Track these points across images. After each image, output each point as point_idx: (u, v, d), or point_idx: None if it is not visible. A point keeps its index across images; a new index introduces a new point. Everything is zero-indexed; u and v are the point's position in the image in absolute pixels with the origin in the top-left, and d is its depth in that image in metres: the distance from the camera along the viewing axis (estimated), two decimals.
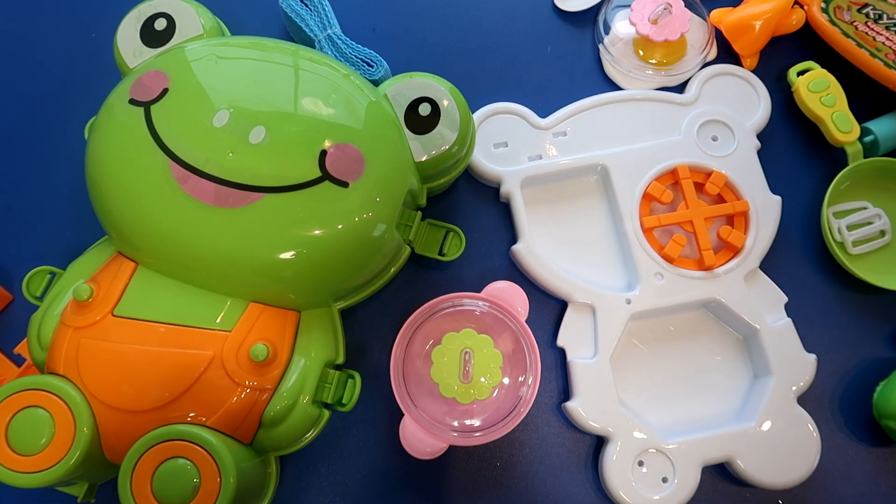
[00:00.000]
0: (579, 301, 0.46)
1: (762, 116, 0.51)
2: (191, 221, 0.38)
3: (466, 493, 0.44)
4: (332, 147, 0.39)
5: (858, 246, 0.48)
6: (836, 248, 0.47)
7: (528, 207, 0.48)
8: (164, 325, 0.38)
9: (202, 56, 0.42)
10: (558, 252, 0.48)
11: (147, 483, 0.35)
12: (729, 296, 0.46)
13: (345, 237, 0.39)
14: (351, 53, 0.50)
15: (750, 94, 0.52)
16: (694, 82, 0.52)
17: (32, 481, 0.35)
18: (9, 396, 0.36)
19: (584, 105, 0.51)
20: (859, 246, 0.48)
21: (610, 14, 0.54)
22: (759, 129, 0.51)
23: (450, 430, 0.40)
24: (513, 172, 0.48)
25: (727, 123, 0.50)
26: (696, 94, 0.51)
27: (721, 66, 0.52)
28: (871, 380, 0.46)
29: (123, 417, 0.37)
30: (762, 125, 0.51)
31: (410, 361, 0.41)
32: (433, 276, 0.48)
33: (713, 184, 0.48)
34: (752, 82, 0.52)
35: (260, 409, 0.38)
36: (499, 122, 0.50)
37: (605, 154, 0.49)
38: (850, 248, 0.48)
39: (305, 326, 0.42)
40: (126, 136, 0.40)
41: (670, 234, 0.48)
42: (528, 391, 0.40)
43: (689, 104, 0.51)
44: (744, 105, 0.51)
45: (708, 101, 0.51)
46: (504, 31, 0.55)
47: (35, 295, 0.43)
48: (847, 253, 0.48)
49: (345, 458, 0.45)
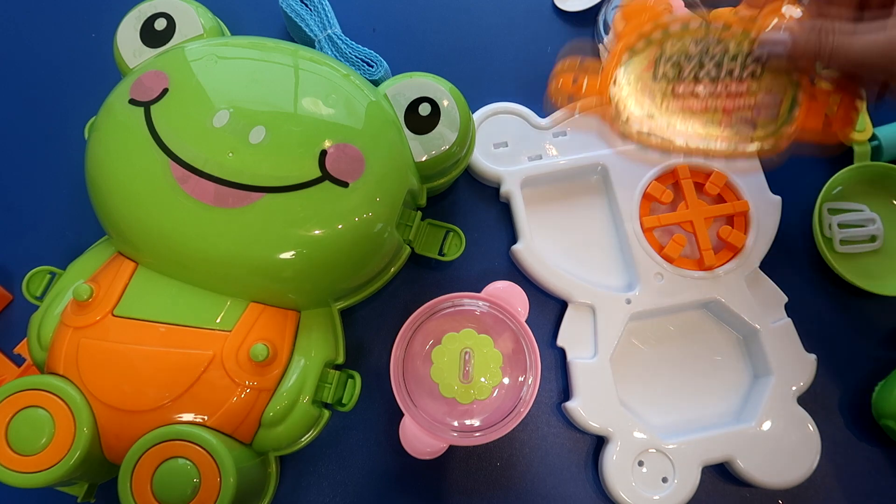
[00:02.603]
0: (579, 301, 0.46)
1: None
2: (191, 221, 0.38)
3: (466, 493, 0.44)
4: (332, 147, 0.39)
5: (846, 245, 0.48)
6: (822, 242, 0.47)
7: (528, 207, 0.48)
8: (163, 325, 0.38)
9: (202, 56, 0.42)
10: (558, 252, 0.48)
11: (147, 483, 0.35)
12: (729, 296, 0.46)
13: (345, 237, 0.39)
14: (351, 53, 0.50)
15: None
16: None
17: (32, 481, 0.35)
18: (9, 396, 0.36)
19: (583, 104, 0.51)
20: (846, 245, 0.48)
21: (610, 14, 0.54)
22: None
23: (450, 430, 0.40)
24: (513, 172, 0.48)
25: None
26: None
27: None
28: (871, 380, 0.46)
29: (123, 417, 0.37)
30: None
31: (410, 361, 0.41)
32: (433, 276, 0.48)
33: (713, 184, 0.48)
34: None
35: (260, 409, 0.39)
36: (499, 122, 0.50)
37: (605, 154, 0.49)
38: (836, 246, 0.48)
39: (305, 326, 0.42)
40: (126, 136, 0.40)
41: (670, 234, 0.48)
42: (528, 391, 0.40)
43: None
44: None
45: None
46: (504, 31, 0.55)
47: (35, 295, 0.43)
48: (833, 250, 0.48)
49: (345, 458, 0.45)
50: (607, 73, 0.38)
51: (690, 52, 0.38)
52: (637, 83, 0.38)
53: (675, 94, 0.38)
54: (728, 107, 0.38)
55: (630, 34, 0.38)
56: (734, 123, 0.38)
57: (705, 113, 0.38)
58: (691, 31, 0.38)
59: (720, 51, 0.38)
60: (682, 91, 0.38)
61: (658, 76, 0.38)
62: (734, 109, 0.38)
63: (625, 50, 0.38)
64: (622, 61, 0.38)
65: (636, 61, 0.38)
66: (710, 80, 0.38)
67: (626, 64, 0.38)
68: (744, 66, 0.38)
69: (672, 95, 0.38)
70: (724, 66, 0.38)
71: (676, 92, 0.38)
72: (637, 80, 0.38)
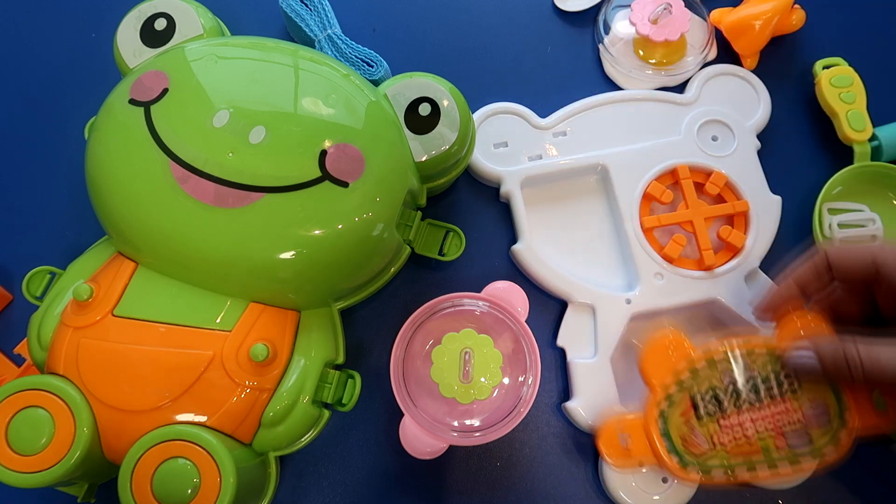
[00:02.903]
0: (579, 301, 0.46)
1: (762, 116, 0.51)
2: (190, 221, 0.38)
3: (466, 493, 0.44)
4: (332, 147, 0.39)
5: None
6: (822, 242, 0.47)
7: (528, 207, 0.48)
8: (163, 325, 0.38)
9: (202, 56, 0.42)
10: (558, 252, 0.48)
11: (147, 483, 0.35)
12: (729, 296, 0.46)
13: (345, 237, 0.39)
14: (351, 53, 0.50)
15: (750, 94, 0.52)
16: (694, 82, 0.52)
17: (32, 481, 0.35)
18: (9, 396, 0.36)
19: (585, 105, 0.51)
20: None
21: (610, 14, 0.54)
22: (760, 129, 0.51)
23: (450, 430, 0.40)
24: (513, 172, 0.48)
25: (727, 123, 0.50)
26: (696, 94, 0.51)
27: (721, 66, 0.52)
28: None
29: (123, 417, 0.37)
30: (762, 125, 0.51)
31: (410, 361, 0.41)
32: (433, 276, 0.48)
33: (713, 184, 0.48)
34: (753, 82, 0.52)
35: (260, 409, 0.39)
36: (499, 122, 0.50)
37: (606, 154, 0.49)
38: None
39: (305, 326, 0.42)
40: (126, 136, 0.40)
41: (670, 234, 0.48)
42: (528, 391, 0.40)
43: (690, 104, 0.51)
44: (744, 105, 0.51)
45: (708, 101, 0.51)
46: (504, 31, 0.55)
47: (35, 295, 0.43)
48: None
49: (345, 458, 0.45)
50: (651, 432, 0.39)
51: (724, 384, 0.39)
52: (681, 429, 0.39)
53: (723, 427, 0.38)
54: (777, 427, 0.38)
55: (662, 380, 0.39)
56: (789, 441, 0.38)
57: (758, 440, 0.38)
58: (719, 363, 0.39)
59: (753, 376, 0.39)
60: (728, 423, 0.38)
61: (702, 415, 0.39)
62: (784, 427, 0.38)
63: (663, 398, 0.39)
64: (662, 410, 0.39)
65: (674, 408, 0.39)
66: (752, 405, 0.39)
67: (666, 414, 0.39)
68: (780, 385, 0.39)
69: (721, 430, 0.38)
70: (761, 390, 0.39)
71: (724, 425, 0.38)
72: (680, 428, 0.39)
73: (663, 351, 0.40)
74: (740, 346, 0.40)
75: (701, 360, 0.40)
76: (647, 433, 0.40)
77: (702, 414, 0.39)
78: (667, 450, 0.39)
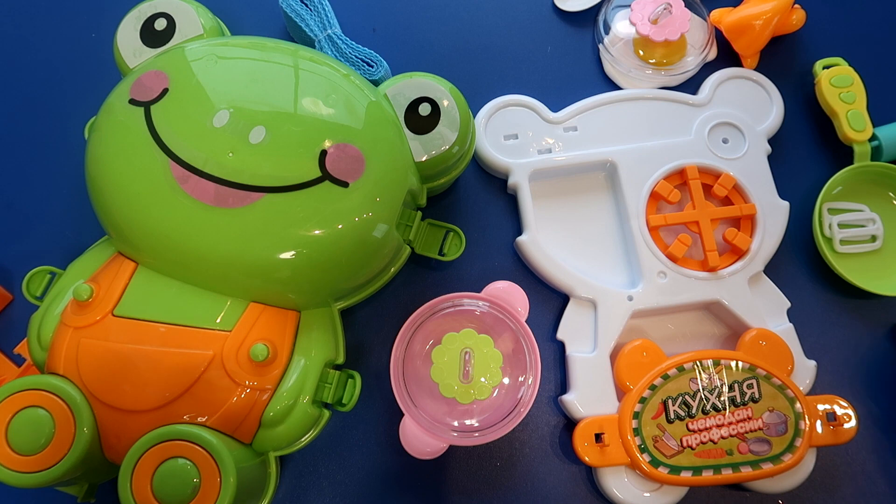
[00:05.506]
0: (581, 296, 0.46)
1: (774, 121, 0.51)
2: (191, 221, 0.38)
3: (466, 493, 0.44)
4: (332, 147, 0.39)
5: (846, 245, 0.48)
6: (822, 242, 0.47)
7: (534, 201, 0.48)
8: (164, 325, 0.38)
9: (202, 56, 0.42)
10: (563, 246, 0.48)
11: (147, 483, 0.35)
12: (731, 298, 0.46)
13: (345, 237, 0.39)
14: (351, 53, 0.50)
15: (763, 98, 0.51)
16: (707, 84, 0.52)
17: (32, 481, 0.35)
18: (9, 396, 0.36)
19: (596, 101, 0.51)
20: (846, 245, 0.48)
21: (610, 14, 0.54)
22: (771, 133, 0.51)
23: (450, 430, 0.40)
24: (522, 164, 0.48)
25: (739, 126, 0.50)
26: (709, 95, 0.51)
27: (735, 70, 0.52)
28: (871, 385, 0.46)
29: (123, 417, 0.37)
30: (774, 130, 0.51)
31: (410, 361, 0.41)
32: (433, 276, 0.48)
33: (721, 186, 0.48)
34: (766, 87, 0.52)
35: (260, 409, 0.38)
36: (510, 115, 0.50)
37: (615, 151, 0.49)
38: (836, 246, 0.48)
39: (305, 326, 0.42)
40: (126, 136, 0.40)
41: (676, 234, 0.48)
42: (528, 391, 0.40)
43: (702, 105, 0.51)
44: (756, 109, 0.51)
45: (720, 103, 0.51)
46: (504, 31, 0.55)
47: (35, 295, 0.43)
48: (833, 250, 0.48)
49: (345, 458, 0.45)
50: (624, 430, 0.42)
51: (692, 390, 0.42)
52: (653, 431, 0.42)
53: (691, 430, 0.42)
54: (740, 433, 0.42)
55: (635, 382, 0.43)
56: (751, 447, 0.42)
57: (723, 444, 0.42)
58: (687, 372, 0.43)
59: (718, 385, 0.42)
60: (696, 427, 0.42)
61: (672, 419, 0.42)
62: (746, 434, 0.42)
63: (637, 399, 0.42)
64: (636, 411, 0.42)
65: (647, 409, 0.42)
66: (717, 412, 0.42)
67: (639, 413, 0.42)
68: (743, 395, 0.42)
69: (689, 433, 0.42)
70: (725, 398, 0.42)
71: (691, 428, 0.42)
72: (652, 429, 0.42)
73: (637, 355, 0.43)
74: (708, 357, 0.43)
75: (672, 367, 0.43)
76: (621, 431, 0.42)
77: (672, 417, 0.42)
78: (638, 448, 0.41)
